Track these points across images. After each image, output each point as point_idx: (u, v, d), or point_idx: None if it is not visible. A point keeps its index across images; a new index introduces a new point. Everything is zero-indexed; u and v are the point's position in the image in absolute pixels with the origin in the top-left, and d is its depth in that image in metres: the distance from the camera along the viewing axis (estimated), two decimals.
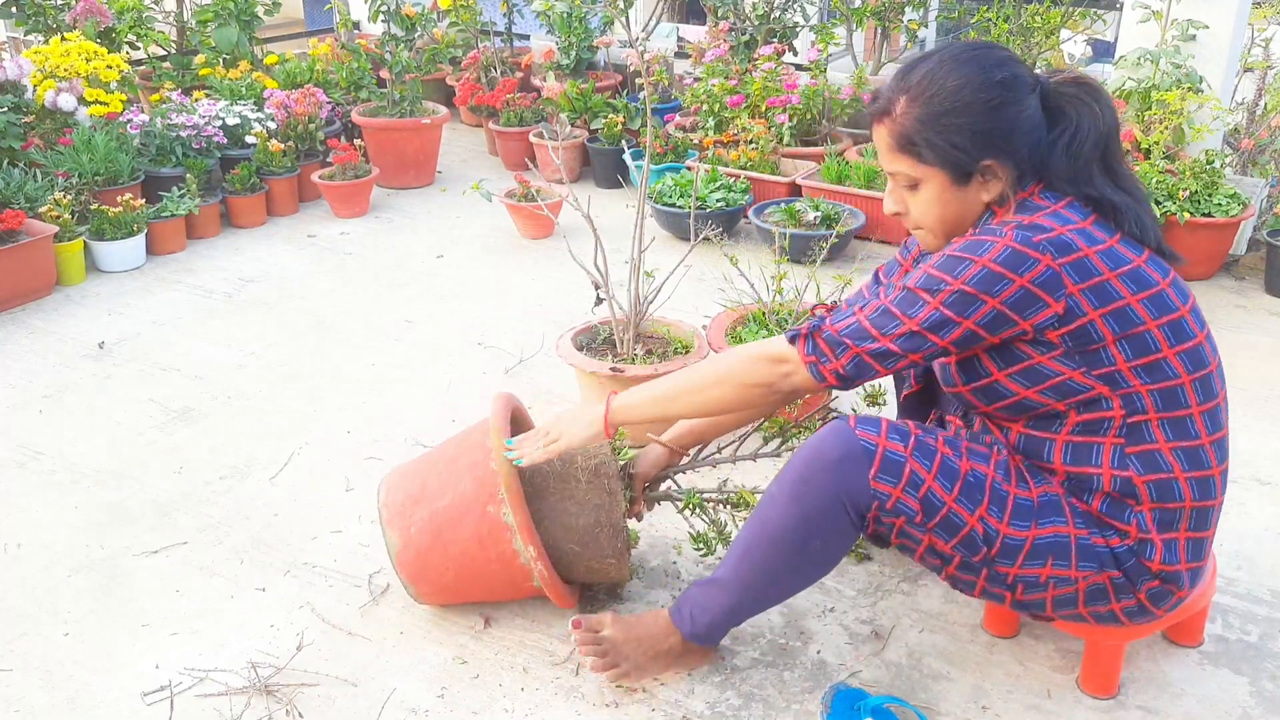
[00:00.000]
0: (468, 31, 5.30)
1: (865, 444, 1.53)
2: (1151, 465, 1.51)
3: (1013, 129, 1.51)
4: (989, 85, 1.50)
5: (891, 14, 4.75)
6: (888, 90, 1.58)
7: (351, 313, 3.36)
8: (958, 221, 1.59)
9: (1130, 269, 1.48)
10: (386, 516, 1.89)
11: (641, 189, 2.59)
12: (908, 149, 1.55)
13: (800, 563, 1.63)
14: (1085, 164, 1.53)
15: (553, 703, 1.77)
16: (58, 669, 1.87)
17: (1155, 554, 1.53)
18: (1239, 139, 3.92)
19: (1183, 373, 1.49)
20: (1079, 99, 1.54)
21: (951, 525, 1.53)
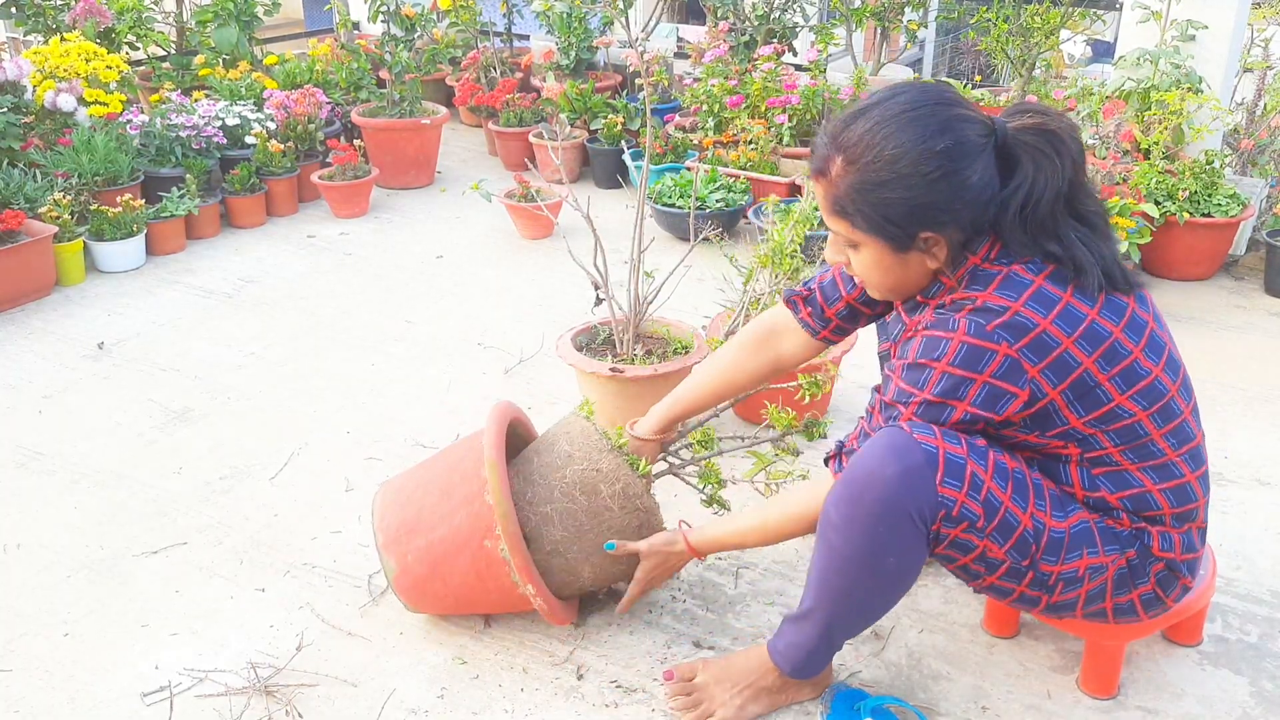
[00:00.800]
0: (467, 32, 5.31)
1: (927, 448, 1.44)
2: (1121, 484, 1.52)
3: (954, 200, 1.42)
4: (927, 156, 1.40)
5: (891, 14, 4.75)
6: (824, 146, 1.50)
7: (351, 313, 3.36)
8: (900, 285, 1.55)
9: (1086, 326, 1.43)
10: (382, 541, 1.85)
11: (641, 189, 2.59)
12: (842, 215, 1.49)
13: (879, 583, 1.54)
14: (1043, 222, 1.44)
15: (553, 703, 1.77)
16: (58, 669, 1.87)
17: (1153, 541, 1.54)
18: (1239, 139, 3.92)
19: (1137, 411, 1.47)
20: (1038, 151, 1.43)
21: (1008, 526, 1.47)
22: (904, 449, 1.44)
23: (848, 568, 1.53)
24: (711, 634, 1.92)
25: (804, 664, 1.68)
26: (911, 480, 1.44)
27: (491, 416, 1.88)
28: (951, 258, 1.49)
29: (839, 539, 1.51)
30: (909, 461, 1.43)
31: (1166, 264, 3.50)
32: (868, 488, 1.46)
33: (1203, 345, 3.08)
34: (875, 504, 1.46)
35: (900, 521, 1.46)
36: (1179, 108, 3.56)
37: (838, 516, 1.51)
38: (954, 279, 1.50)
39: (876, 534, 1.47)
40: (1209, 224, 3.40)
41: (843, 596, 1.57)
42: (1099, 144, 3.64)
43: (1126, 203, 3.14)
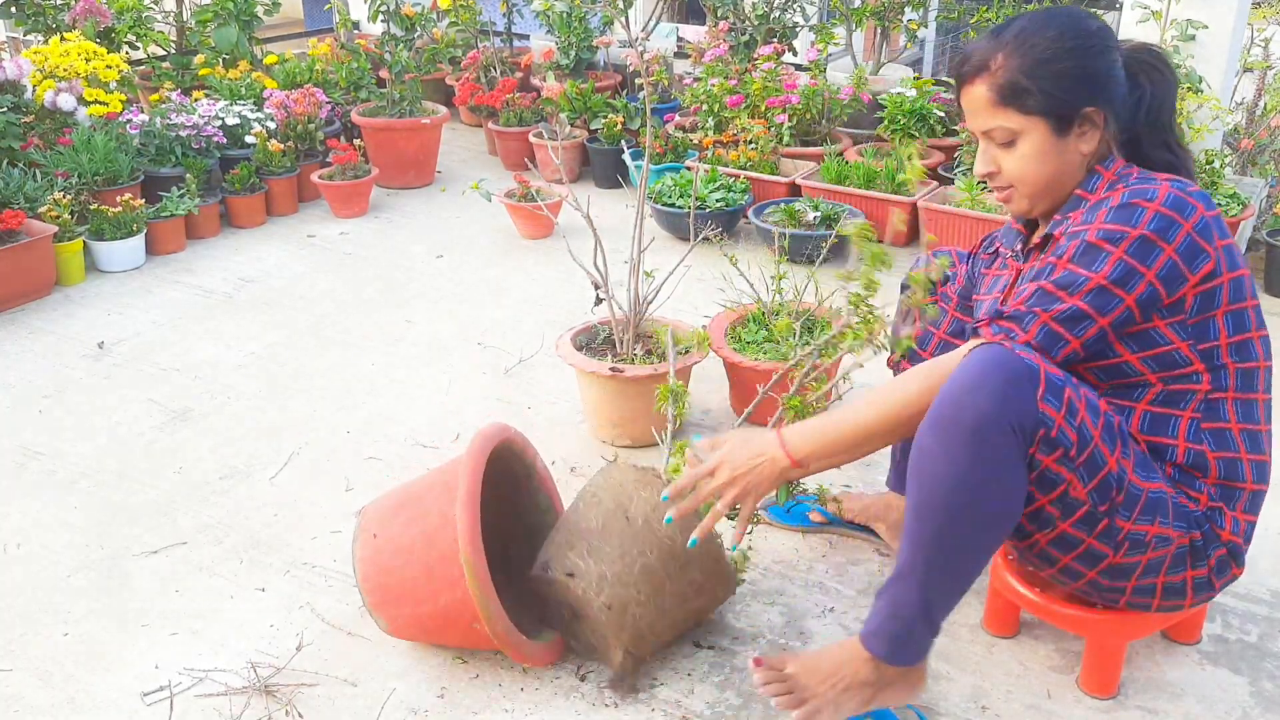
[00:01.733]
0: (467, 31, 5.30)
1: (1029, 362, 1.41)
2: (1222, 443, 1.55)
3: (1110, 76, 1.54)
4: (1086, 33, 1.53)
5: (891, 14, 4.75)
6: (981, 49, 1.57)
7: (351, 313, 3.36)
8: (1055, 177, 1.57)
9: (1231, 241, 1.52)
10: (369, 601, 1.80)
11: (641, 189, 2.59)
12: (1010, 100, 1.54)
13: (981, 513, 1.44)
14: (1163, 129, 1.58)
15: (552, 702, 1.77)
16: (58, 669, 1.87)
17: (1225, 522, 1.55)
18: (1238, 139, 3.92)
19: (1262, 356, 1.55)
20: (1152, 66, 1.58)
21: (1094, 464, 1.44)
22: (1005, 360, 1.40)
23: (947, 501, 1.43)
24: (711, 634, 1.92)
25: (901, 641, 1.55)
26: (1015, 390, 1.38)
27: (464, 484, 1.69)
28: (1100, 150, 1.57)
29: (937, 465, 1.42)
30: (1011, 371, 1.39)
31: None
32: (967, 403, 1.39)
33: None
34: (977, 418, 1.38)
35: (1003, 435, 1.38)
36: (1179, 107, 3.55)
37: (934, 440, 1.42)
38: (1110, 171, 1.57)
39: (979, 453, 1.39)
40: None
41: (941, 538, 1.46)
42: None
43: None
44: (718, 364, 2.69)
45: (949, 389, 1.42)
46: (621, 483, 1.77)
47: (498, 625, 1.68)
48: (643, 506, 1.73)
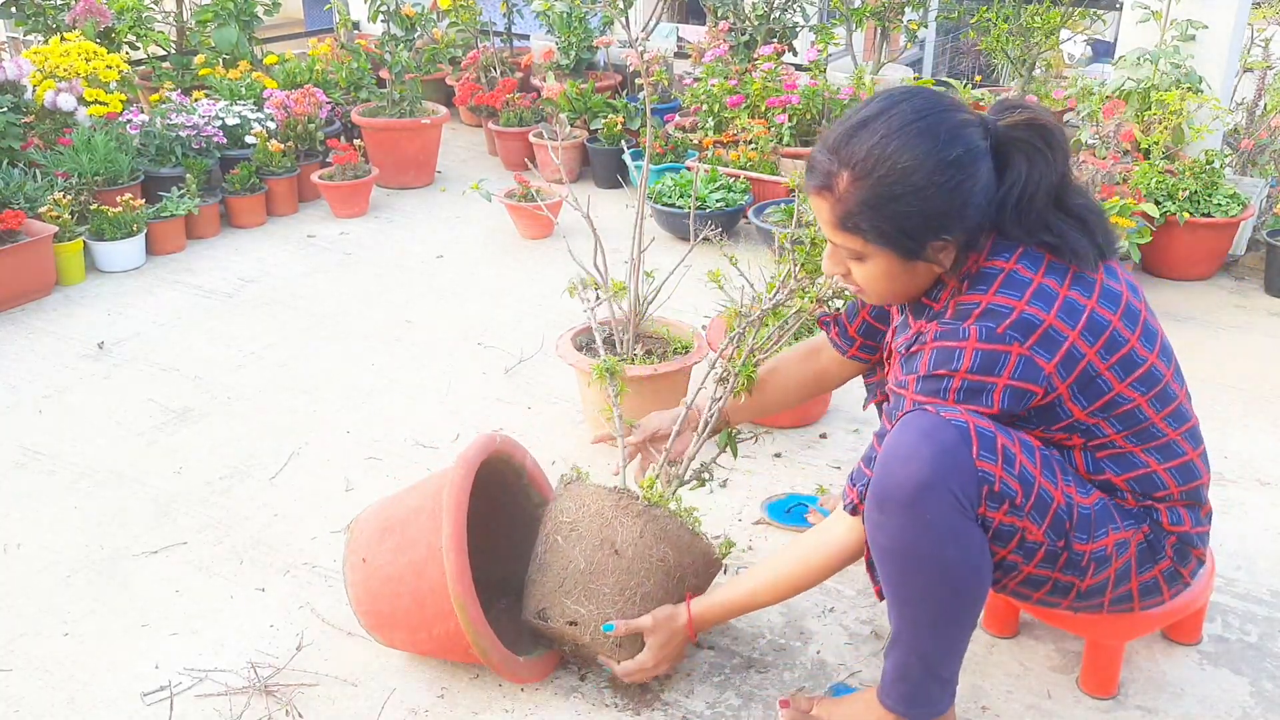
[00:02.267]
0: (467, 31, 5.30)
1: (957, 424, 1.39)
2: (1126, 465, 1.52)
3: (965, 206, 1.42)
4: (942, 167, 1.39)
5: (891, 14, 4.75)
6: (825, 161, 1.46)
7: (351, 313, 3.36)
8: (904, 292, 1.54)
9: (1087, 317, 1.43)
10: (365, 624, 1.79)
11: (641, 189, 2.59)
12: (851, 230, 1.46)
13: (948, 582, 1.44)
14: (1039, 215, 1.45)
15: (552, 703, 1.77)
16: (58, 669, 1.87)
17: (1161, 516, 1.54)
18: (1239, 139, 3.92)
19: (1136, 397, 1.47)
20: (1031, 146, 1.44)
21: (1043, 504, 1.43)
22: (933, 427, 1.40)
23: (907, 570, 1.45)
24: (711, 634, 1.92)
25: (916, 699, 1.55)
26: (948, 457, 1.38)
27: (449, 519, 1.68)
28: (957, 257, 1.48)
29: (888, 539, 1.44)
30: (942, 438, 1.39)
31: (1166, 264, 3.50)
32: (904, 476, 1.40)
33: (1203, 345, 3.08)
34: (915, 490, 1.39)
35: (944, 503, 1.39)
36: (1179, 108, 3.56)
37: (879, 515, 1.44)
38: (956, 278, 1.49)
39: (924, 521, 1.40)
40: (1209, 224, 3.39)
41: (916, 605, 1.48)
42: (1099, 144, 3.64)
43: (1126, 203, 3.14)
44: None
45: (884, 463, 1.43)
46: (599, 511, 1.74)
47: (494, 658, 1.69)
48: (629, 535, 1.72)
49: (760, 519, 2.26)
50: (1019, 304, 1.42)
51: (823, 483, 2.37)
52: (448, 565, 1.64)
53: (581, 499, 1.76)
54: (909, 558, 1.44)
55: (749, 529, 2.23)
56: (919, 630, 1.50)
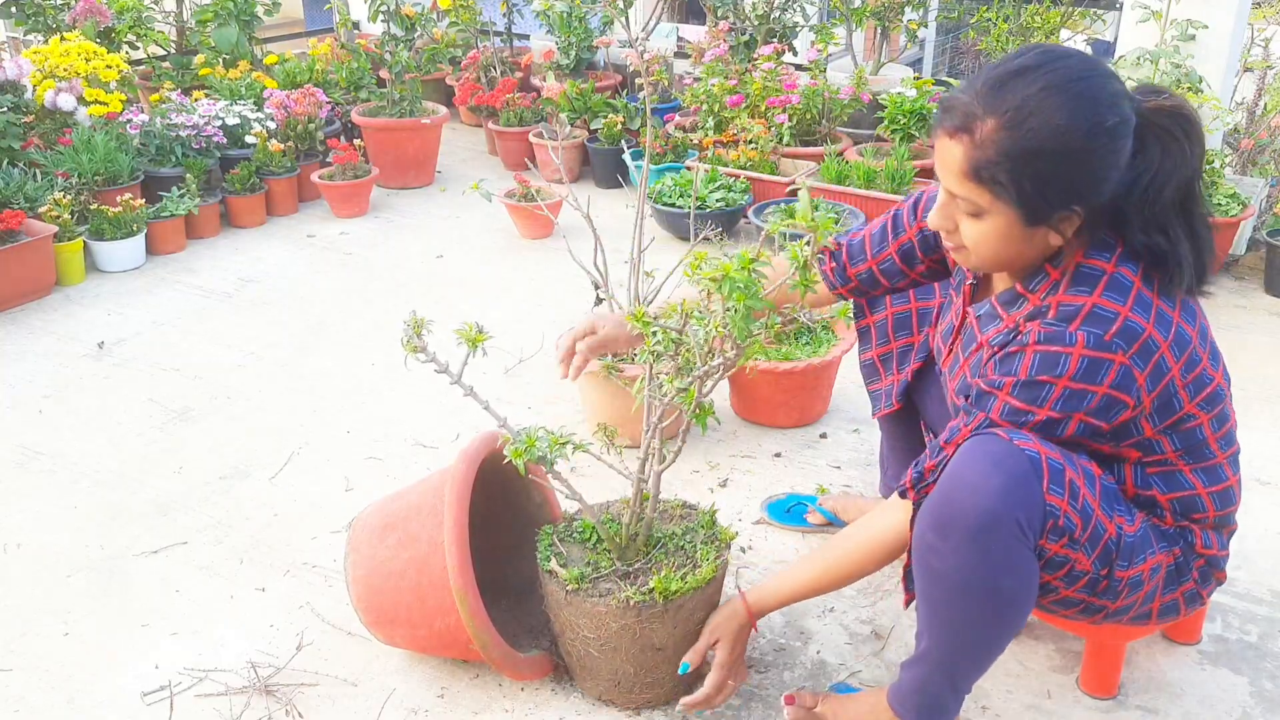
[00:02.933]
0: (467, 31, 5.30)
1: (1030, 454, 1.35)
2: (1173, 485, 1.50)
3: (1105, 179, 1.34)
4: (1097, 133, 1.30)
5: (891, 14, 4.74)
6: (971, 102, 1.34)
7: (351, 313, 3.36)
8: (1015, 259, 1.43)
9: (1174, 331, 1.38)
10: (365, 620, 1.79)
11: (641, 189, 2.59)
12: (984, 181, 1.34)
13: (995, 609, 1.41)
14: (1162, 211, 1.37)
15: (552, 703, 1.77)
16: (58, 669, 1.87)
17: (1195, 539, 1.53)
18: (1239, 139, 3.92)
19: (1201, 416, 1.45)
20: (1171, 136, 1.36)
21: (1096, 536, 1.40)
22: (1006, 456, 1.34)
23: (958, 596, 1.41)
24: None
25: (929, 710, 1.54)
26: (1018, 488, 1.33)
27: (450, 515, 1.67)
28: (1079, 236, 1.40)
29: (943, 563, 1.40)
30: (1014, 469, 1.34)
31: None
32: (971, 504, 1.35)
33: None
34: (982, 517, 1.34)
35: (1009, 534, 1.34)
36: None
37: (937, 538, 1.39)
38: (1059, 271, 1.42)
39: (986, 551, 1.35)
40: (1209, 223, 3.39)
41: (959, 629, 1.45)
42: None
43: None
44: None
45: (949, 487, 1.38)
46: (625, 627, 1.64)
47: (494, 653, 1.68)
48: (665, 632, 1.66)
49: (760, 519, 2.26)
50: (1124, 309, 1.36)
51: (823, 483, 2.37)
52: (449, 559, 1.64)
53: (597, 617, 1.64)
54: (963, 586, 1.40)
55: (749, 529, 2.23)
56: (955, 651, 1.49)
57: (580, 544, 1.76)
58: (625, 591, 1.63)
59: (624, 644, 1.65)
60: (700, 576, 1.65)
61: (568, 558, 1.71)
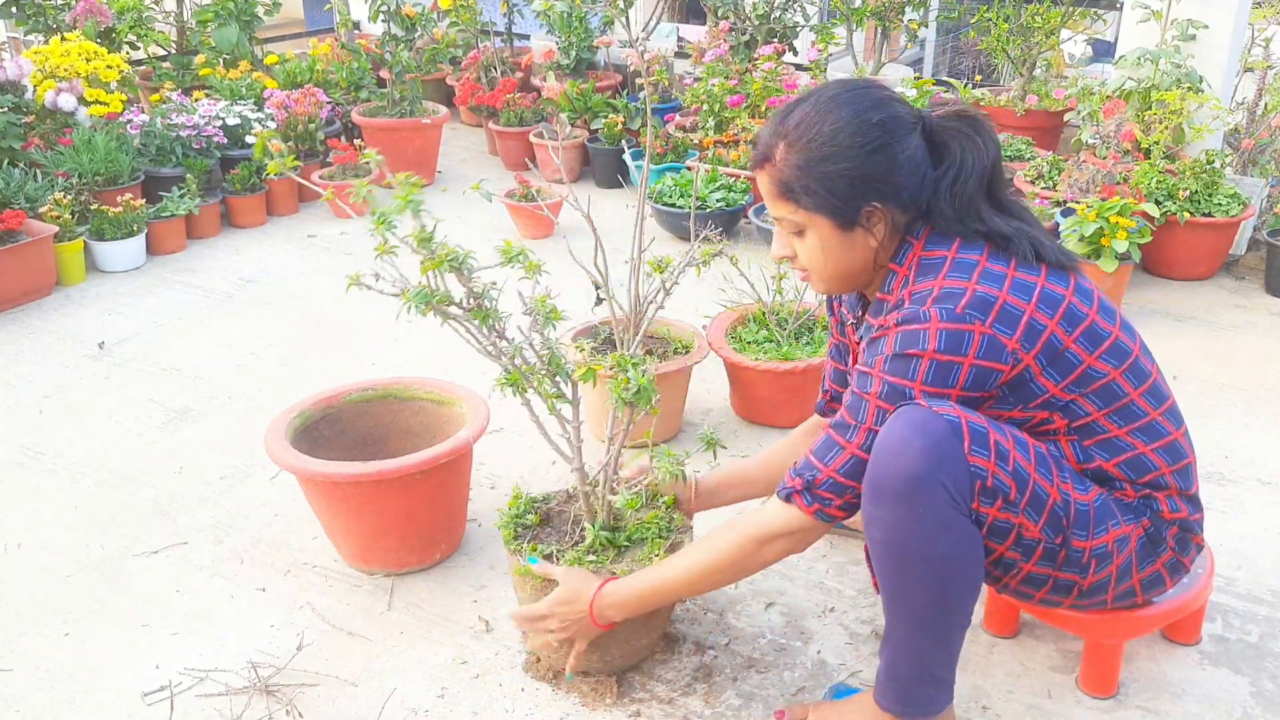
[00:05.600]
0: (468, 31, 5.31)
1: (948, 418, 1.41)
2: (1114, 450, 1.53)
3: (892, 171, 1.49)
4: (865, 128, 1.48)
5: (891, 14, 4.75)
6: (766, 135, 1.56)
7: (351, 313, 3.36)
8: (845, 268, 1.57)
9: (1039, 292, 1.47)
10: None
11: (641, 189, 2.59)
12: (788, 196, 1.53)
13: (940, 576, 1.45)
14: (970, 200, 1.51)
15: (552, 702, 1.77)
16: (58, 669, 1.87)
17: (1162, 505, 1.55)
18: (1239, 139, 3.92)
19: (1109, 370, 1.50)
20: (962, 133, 1.52)
21: (1038, 500, 1.45)
22: (924, 421, 1.41)
23: (900, 563, 1.46)
24: (711, 634, 1.92)
25: (910, 698, 1.55)
26: (939, 451, 1.40)
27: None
28: (891, 236, 1.53)
29: (881, 533, 1.46)
30: (933, 431, 1.40)
31: (1167, 263, 3.50)
32: (894, 468, 1.41)
33: (1203, 345, 3.08)
34: (906, 483, 1.40)
35: (935, 497, 1.40)
36: (1179, 107, 3.56)
37: (873, 507, 1.46)
38: (905, 267, 1.53)
39: (915, 513, 1.41)
40: (1209, 224, 3.39)
41: (908, 599, 1.49)
42: (1099, 144, 3.64)
43: (1127, 202, 3.14)
44: (718, 364, 2.69)
45: (876, 455, 1.44)
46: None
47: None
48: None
49: None
50: (969, 284, 1.46)
51: None
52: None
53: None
54: (901, 550, 1.45)
55: None
56: (910, 626, 1.51)
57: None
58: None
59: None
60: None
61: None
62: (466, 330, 1.72)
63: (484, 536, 2.22)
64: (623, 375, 1.63)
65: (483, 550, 2.18)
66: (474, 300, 1.69)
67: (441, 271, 1.67)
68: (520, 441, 2.56)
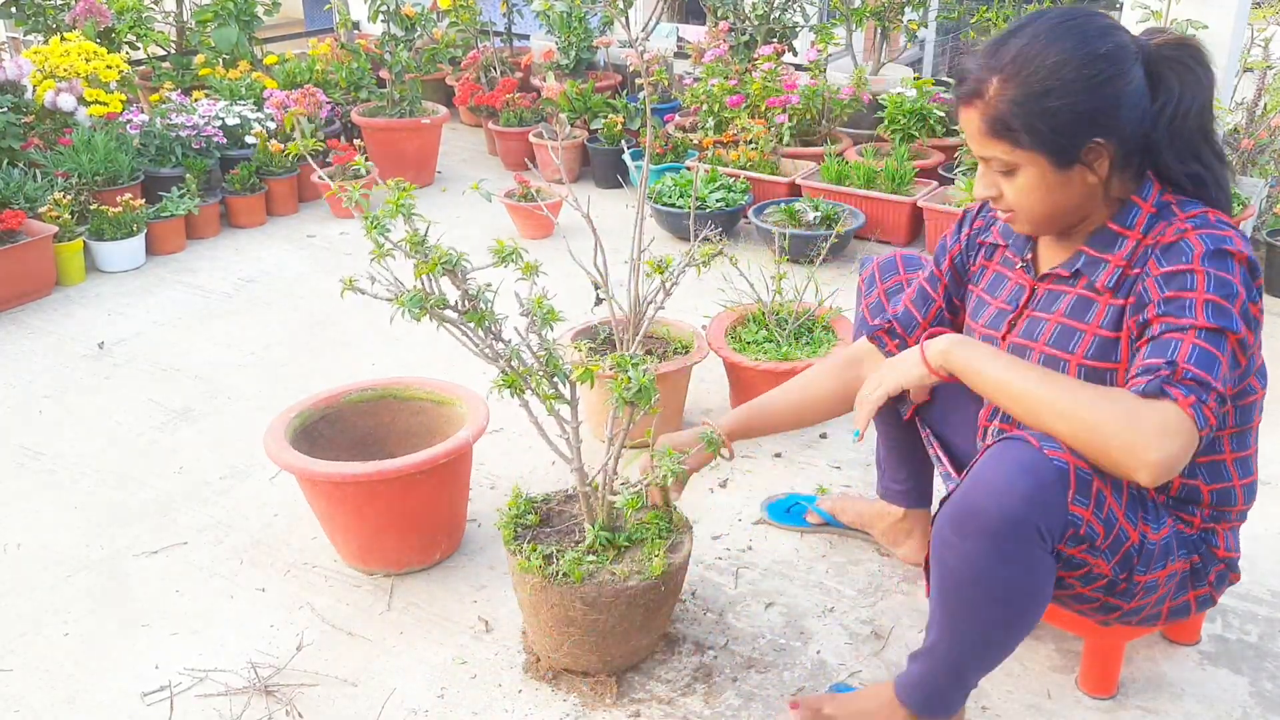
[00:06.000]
0: (467, 31, 5.30)
1: (1058, 464, 1.35)
2: (1216, 475, 1.52)
3: (1118, 105, 1.38)
4: (1092, 59, 1.37)
5: (891, 14, 4.75)
6: (976, 69, 1.43)
7: (351, 313, 3.36)
8: (1061, 207, 1.46)
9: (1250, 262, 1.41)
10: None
11: (641, 189, 2.58)
12: (1003, 134, 1.42)
13: (1008, 607, 1.43)
14: (1189, 138, 1.43)
15: (552, 703, 1.77)
16: (58, 669, 1.87)
17: (1219, 541, 1.54)
18: (1239, 139, 3.92)
19: (1258, 387, 1.49)
20: (1183, 65, 1.41)
21: (1118, 543, 1.41)
22: (1034, 464, 1.35)
23: (969, 592, 1.43)
24: (711, 634, 1.92)
25: (932, 703, 1.56)
26: (1044, 497, 1.34)
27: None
28: (1112, 172, 1.44)
29: (958, 560, 1.41)
30: (1041, 476, 1.34)
31: None
32: (993, 505, 1.36)
33: None
34: (1001, 521, 1.35)
35: (1027, 539, 1.35)
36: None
37: (955, 535, 1.41)
38: (1148, 204, 1.45)
39: (1001, 552, 1.37)
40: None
41: (969, 626, 1.47)
42: None
43: None
44: (718, 364, 2.69)
45: (972, 487, 1.39)
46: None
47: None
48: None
49: (760, 519, 2.26)
50: (1233, 234, 1.39)
51: (822, 483, 2.37)
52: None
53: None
54: (977, 583, 1.41)
55: (749, 529, 2.23)
56: (963, 648, 1.50)
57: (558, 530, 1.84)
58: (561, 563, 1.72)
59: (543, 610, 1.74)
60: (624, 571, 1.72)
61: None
62: (462, 333, 1.72)
63: (484, 536, 2.22)
64: (623, 375, 1.62)
65: (483, 550, 2.18)
66: (469, 302, 1.68)
67: (436, 275, 1.66)
68: (520, 442, 2.56)
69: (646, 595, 1.71)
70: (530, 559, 1.73)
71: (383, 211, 1.68)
